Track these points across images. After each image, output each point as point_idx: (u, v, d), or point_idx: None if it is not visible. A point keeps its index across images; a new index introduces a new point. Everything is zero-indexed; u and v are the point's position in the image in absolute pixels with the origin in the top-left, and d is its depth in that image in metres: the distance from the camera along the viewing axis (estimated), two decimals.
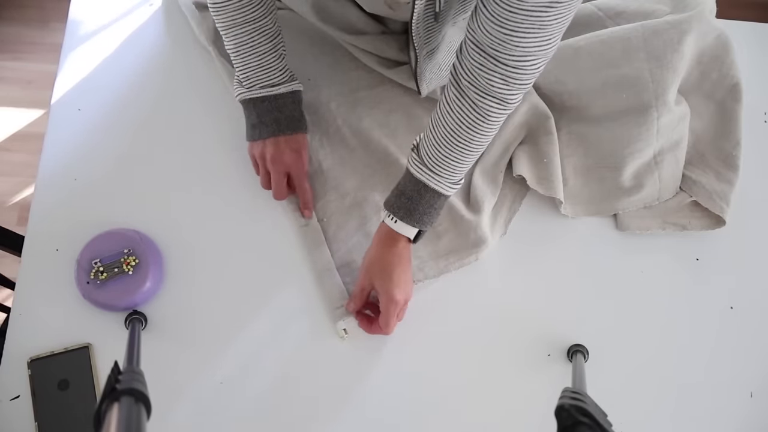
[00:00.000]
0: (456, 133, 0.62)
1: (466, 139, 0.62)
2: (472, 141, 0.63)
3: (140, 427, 0.38)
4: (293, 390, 0.70)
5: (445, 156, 0.64)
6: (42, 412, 0.66)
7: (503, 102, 0.59)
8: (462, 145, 0.63)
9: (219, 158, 0.80)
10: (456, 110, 0.61)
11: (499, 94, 0.58)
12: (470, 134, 0.62)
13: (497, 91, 0.58)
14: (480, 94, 0.59)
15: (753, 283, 0.78)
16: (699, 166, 0.81)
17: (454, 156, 0.64)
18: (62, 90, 0.82)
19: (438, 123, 0.64)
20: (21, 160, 1.62)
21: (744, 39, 0.84)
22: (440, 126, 0.63)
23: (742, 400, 0.72)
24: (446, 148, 0.64)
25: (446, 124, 0.63)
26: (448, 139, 0.63)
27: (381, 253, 0.68)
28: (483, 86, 0.58)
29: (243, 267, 0.74)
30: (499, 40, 0.53)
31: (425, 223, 0.67)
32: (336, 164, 0.79)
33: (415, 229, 0.67)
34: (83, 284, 0.69)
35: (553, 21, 0.51)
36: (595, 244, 0.79)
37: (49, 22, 1.81)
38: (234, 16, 0.67)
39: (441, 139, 0.64)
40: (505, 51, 0.54)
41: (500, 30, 0.52)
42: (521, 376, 0.72)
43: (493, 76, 0.57)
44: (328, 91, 0.83)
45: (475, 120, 0.61)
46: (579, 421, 0.43)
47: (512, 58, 0.55)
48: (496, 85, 0.57)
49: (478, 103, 0.59)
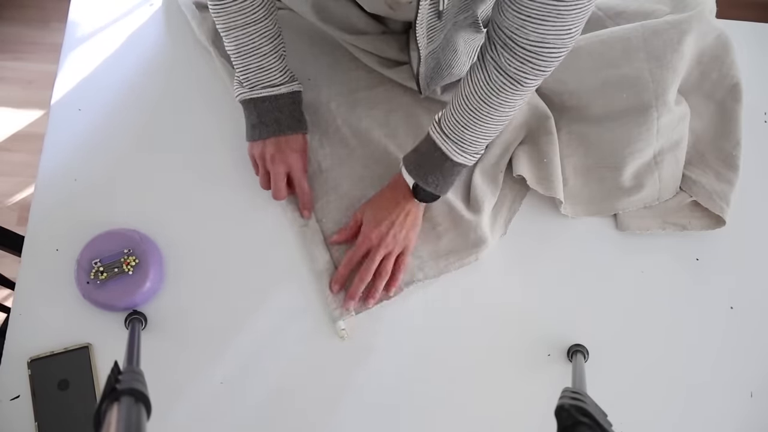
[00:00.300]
0: (470, 103, 0.65)
1: (477, 109, 0.65)
2: (482, 113, 0.65)
3: (140, 427, 0.38)
4: (293, 390, 0.70)
5: (458, 121, 0.67)
6: (42, 412, 0.66)
7: (517, 83, 0.61)
8: (473, 115, 0.65)
9: (219, 158, 0.80)
10: (474, 81, 0.64)
11: (516, 75, 0.60)
12: (482, 106, 0.64)
13: (514, 72, 0.60)
14: (497, 70, 0.61)
15: (753, 283, 0.78)
16: (699, 166, 0.81)
17: (465, 123, 0.66)
18: (62, 90, 0.82)
19: (460, 89, 0.66)
20: (21, 160, 1.62)
21: (744, 39, 0.84)
22: (460, 94, 0.66)
23: (742, 400, 0.72)
24: (460, 115, 0.66)
25: (465, 92, 0.65)
26: (464, 107, 0.66)
27: (382, 193, 0.74)
28: (503, 64, 0.60)
29: (243, 267, 0.74)
30: (516, 25, 0.55)
31: (429, 183, 0.69)
32: (335, 164, 0.79)
33: (413, 180, 0.70)
34: (83, 284, 0.69)
35: (570, 11, 0.52)
36: (595, 244, 0.79)
37: (49, 22, 1.81)
38: (234, 18, 0.67)
39: (458, 105, 0.66)
40: (523, 36, 0.56)
41: (517, 15, 0.54)
42: (521, 376, 0.72)
43: (513, 57, 0.59)
44: (328, 91, 0.83)
45: (488, 94, 0.63)
46: (579, 421, 0.43)
47: (529, 43, 0.56)
48: (513, 66, 0.59)
49: (494, 78, 0.61)
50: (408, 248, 0.73)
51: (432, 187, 0.70)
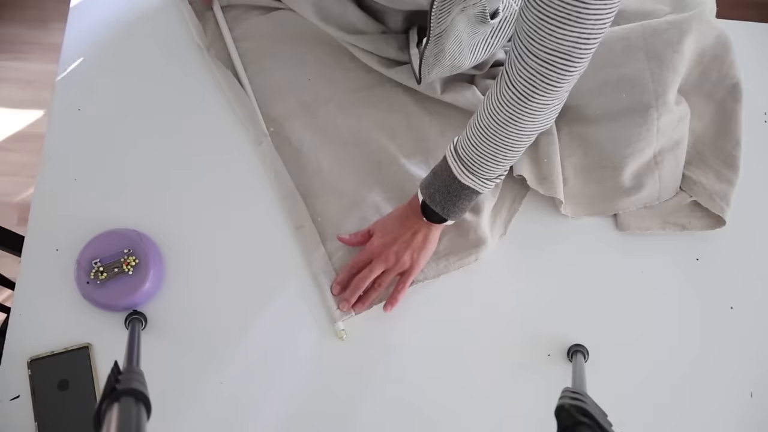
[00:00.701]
0: (481, 119, 0.63)
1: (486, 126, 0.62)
2: (490, 130, 0.62)
3: (140, 427, 0.38)
4: (293, 390, 0.70)
5: (469, 140, 0.65)
6: (42, 412, 0.66)
7: (525, 98, 0.58)
8: (483, 133, 0.63)
9: (219, 159, 0.80)
10: (488, 96, 0.62)
11: (524, 89, 0.57)
12: (490, 122, 0.62)
13: (522, 85, 0.57)
14: (507, 84, 0.59)
15: (753, 283, 0.78)
16: (699, 166, 0.81)
17: (475, 142, 0.64)
18: (62, 90, 0.82)
19: (477, 109, 0.65)
20: (21, 160, 1.63)
21: (744, 39, 0.84)
22: (476, 111, 0.65)
23: (742, 400, 0.72)
24: (472, 132, 0.64)
25: (479, 109, 0.64)
26: (476, 123, 0.64)
27: (398, 208, 0.74)
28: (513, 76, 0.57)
29: (243, 267, 0.74)
30: (534, 26, 0.52)
31: (435, 201, 0.68)
32: (335, 164, 0.79)
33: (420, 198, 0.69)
34: (83, 284, 0.69)
35: (591, 16, 0.49)
36: (595, 244, 0.79)
37: (49, 22, 1.81)
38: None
39: (472, 122, 0.65)
40: (539, 41, 0.52)
41: (536, 14, 0.51)
42: (521, 376, 0.72)
43: (522, 69, 0.56)
44: (328, 91, 0.83)
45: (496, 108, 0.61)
46: (579, 421, 0.43)
47: (544, 50, 0.53)
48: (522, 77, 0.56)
49: (503, 91, 0.59)
50: (413, 270, 0.72)
51: (438, 207, 0.68)
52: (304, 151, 0.79)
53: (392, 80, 0.83)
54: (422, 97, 0.83)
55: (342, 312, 0.72)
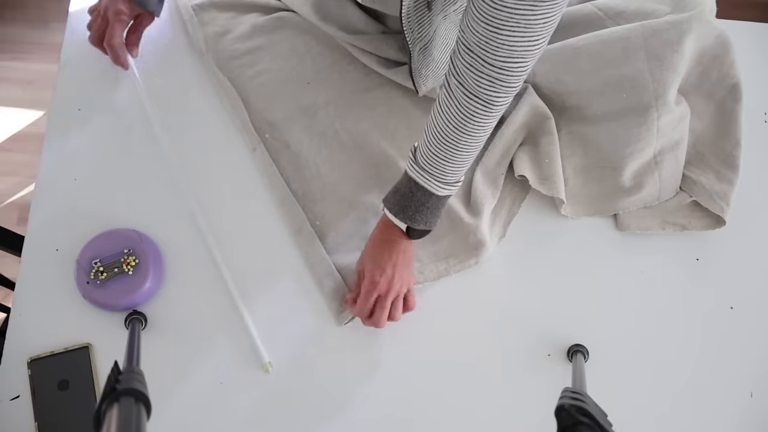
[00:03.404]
0: (444, 133, 0.62)
1: (454, 139, 0.62)
2: (459, 141, 0.62)
3: (140, 427, 0.38)
4: (292, 390, 0.70)
5: (435, 155, 0.64)
6: (42, 412, 0.66)
7: (488, 104, 0.58)
8: (450, 146, 0.63)
9: (219, 158, 0.80)
10: (444, 110, 0.61)
11: (486, 96, 0.58)
12: (457, 134, 0.62)
13: (484, 93, 0.57)
14: (466, 95, 0.58)
15: (753, 283, 0.78)
16: (699, 166, 0.81)
17: (443, 155, 0.64)
18: (62, 90, 0.82)
19: (430, 123, 0.64)
20: (21, 160, 1.63)
21: (744, 39, 0.84)
22: (432, 126, 0.64)
23: (742, 400, 0.72)
24: (435, 148, 0.64)
25: (436, 124, 0.63)
26: (438, 139, 0.63)
27: (375, 240, 0.71)
28: (470, 87, 0.58)
29: (243, 267, 0.74)
30: (485, 38, 0.53)
31: (417, 221, 0.67)
32: (334, 168, 0.79)
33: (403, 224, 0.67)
34: (83, 284, 0.69)
35: (539, 21, 0.51)
36: (595, 244, 0.79)
37: (49, 22, 1.81)
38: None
39: (432, 138, 0.64)
40: (492, 50, 0.54)
41: (486, 28, 0.52)
42: (521, 376, 0.72)
43: (481, 78, 0.56)
44: (327, 94, 0.83)
45: (461, 120, 0.60)
46: (579, 421, 0.43)
47: (498, 59, 0.54)
48: (482, 87, 0.57)
49: (464, 103, 0.59)
50: (411, 285, 0.72)
51: (423, 225, 0.67)
52: (302, 155, 0.79)
53: (391, 82, 0.83)
54: (421, 99, 0.83)
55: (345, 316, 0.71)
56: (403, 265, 0.70)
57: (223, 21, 0.86)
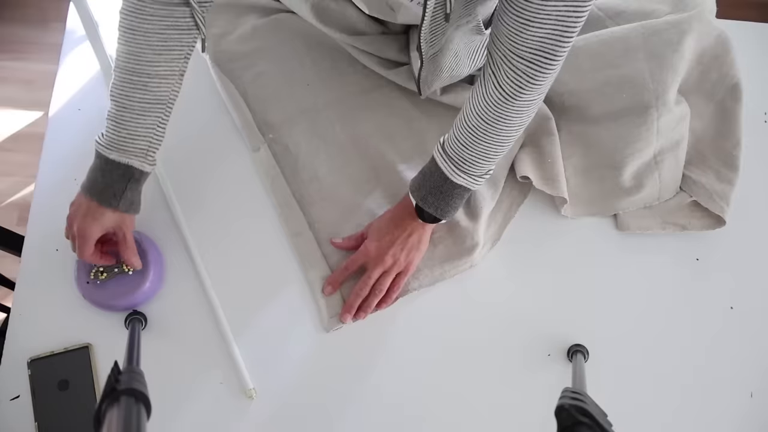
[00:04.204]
0: (468, 119, 0.64)
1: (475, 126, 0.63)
2: (479, 129, 0.63)
3: (140, 427, 0.39)
4: (292, 390, 0.70)
5: (458, 140, 0.65)
6: (42, 412, 0.66)
7: (511, 97, 0.59)
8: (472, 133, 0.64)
9: (218, 159, 0.80)
10: (474, 96, 0.63)
11: (510, 88, 0.59)
12: (479, 122, 0.63)
13: (508, 85, 0.58)
14: (494, 85, 0.60)
15: (753, 283, 0.78)
16: (699, 166, 0.81)
17: (464, 141, 0.65)
18: (62, 90, 0.82)
19: (463, 109, 0.65)
20: (21, 160, 1.62)
21: (744, 39, 0.84)
22: (462, 111, 0.65)
23: (742, 400, 0.72)
24: (460, 133, 0.65)
25: (465, 110, 0.64)
26: (463, 124, 0.65)
27: (390, 210, 0.74)
28: (500, 77, 0.59)
29: (242, 267, 0.74)
30: (515, 30, 0.54)
31: (428, 203, 0.68)
32: (332, 171, 0.79)
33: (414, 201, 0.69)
34: (83, 284, 0.69)
35: (571, 13, 0.51)
36: (595, 244, 0.79)
37: (49, 22, 1.81)
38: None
39: (459, 123, 0.65)
40: (521, 43, 0.54)
41: (516, 19, 0.53)
42: (521, 376, 0.72)
43: (509, 69, 0.57)
44: (327, 96, 0.83)
45: (484, 108, 0.62)
46: (579, 421, 0.43)
47: (528, 51, 0.55)
48: (509, 78, 0.58)
49: (490, 92, 0.60)
50: (408, 270, 0.72)
51: (432, 209, 0.68)
52: (301, 158, 0.79)
53: (391, 84, 0.83)
54: (422, 100, 0.83)
55: (341, 322, 0.71)
56: (403, 245, 0.71)
57: (223, 23, 0.86)
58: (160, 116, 0.65)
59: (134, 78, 0.62)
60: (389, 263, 0.71)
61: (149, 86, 0.63)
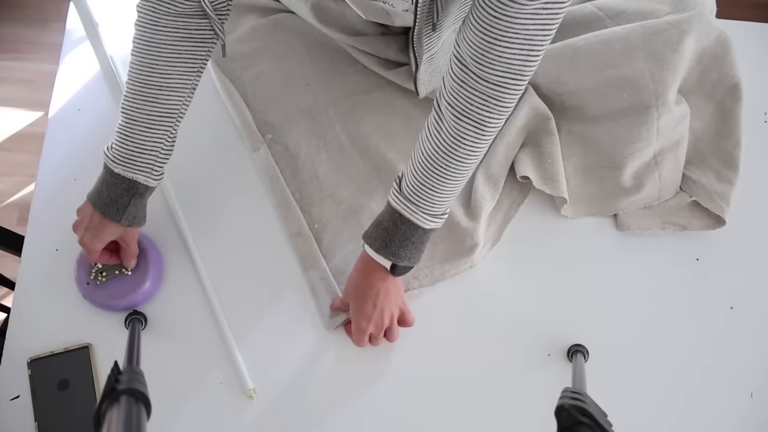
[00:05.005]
0: (432, 160, 0.59)
1: (442, 165, 0.59)
2: (447, 169, 0.59)
3: (140, 427, 0.38)
4: (292, 391, 0.70)
5: (421, 184, 0.61)
6: (42, 412, 0.66)
7: (480, 125, 0.56)
8: (437, 173, 0.60)
9: (218, 158, 0.80)
10: (433, 135, 0.59)
11: (477, 116, 0.55)
12: (446, 161, 0.59)
13: (476, 113, 0.55)
14: (457, 116, 0.56)
15: (753, 283, 0.78)
16: (699, 166, 0.81)
17: (431, 184, 0.61)
18: (62, 90, 0.82)
19: (417, 150, 0.61)
20: (21, 160, 1.62)
21: (744, 39, 0.84)
22: (418, 152, 0.61)
23: (742, 400, 0.72)
24: (422, 176, 0.61)
25: (423, 150, 0.60)
26: (425, 166, 0.60)
27: (358, 279, 0.68)
28: (462, 106, 0.55)
29: (242, 267, 0.74)
30: (482, 50, 0.51)
31: (401, 257, 0.63)
32: (333, 171, 0.79)
33: (389, 262, 0.64)
34: (83, 284, 0.69)
35: (539, 32, 0.49)
36: (595, 244, 0.79)
37: (49, 22, 1.81)
38: None
39: (418, 165, 0.61)
40: (488, 64, 0.51)
41: (484, 38, 0.50)
42: (521, 376, 0.72)
43: (474, 95, 0.54)
44: (327, 96, 0.83)
45: (450, 145, 0.58)
46: (579, 421, 0.43)
47: (494, 73, 0.52)
48: (475, 105, 0.54)
49: (455, 125, 0.56)
50: (403, 306, 0.70)
51: (406, 261, 0.64)
52: (301, 158, 0.79)
53: (391, 84, 0.83)
54: (422, 100, 0.83)
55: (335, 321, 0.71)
56: (386, 298, 0.67)
57: None
58: (169, 131, 0.65)
59: (145, 90, 0.62)
60: (387, 319, 0.68)
61: (159, 98, 0.63)
